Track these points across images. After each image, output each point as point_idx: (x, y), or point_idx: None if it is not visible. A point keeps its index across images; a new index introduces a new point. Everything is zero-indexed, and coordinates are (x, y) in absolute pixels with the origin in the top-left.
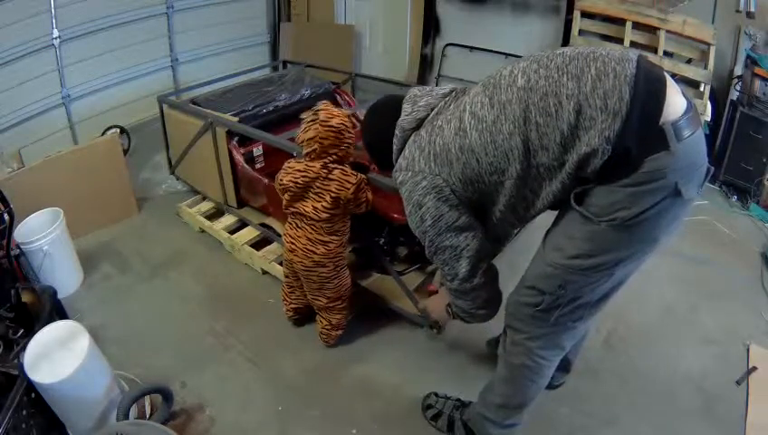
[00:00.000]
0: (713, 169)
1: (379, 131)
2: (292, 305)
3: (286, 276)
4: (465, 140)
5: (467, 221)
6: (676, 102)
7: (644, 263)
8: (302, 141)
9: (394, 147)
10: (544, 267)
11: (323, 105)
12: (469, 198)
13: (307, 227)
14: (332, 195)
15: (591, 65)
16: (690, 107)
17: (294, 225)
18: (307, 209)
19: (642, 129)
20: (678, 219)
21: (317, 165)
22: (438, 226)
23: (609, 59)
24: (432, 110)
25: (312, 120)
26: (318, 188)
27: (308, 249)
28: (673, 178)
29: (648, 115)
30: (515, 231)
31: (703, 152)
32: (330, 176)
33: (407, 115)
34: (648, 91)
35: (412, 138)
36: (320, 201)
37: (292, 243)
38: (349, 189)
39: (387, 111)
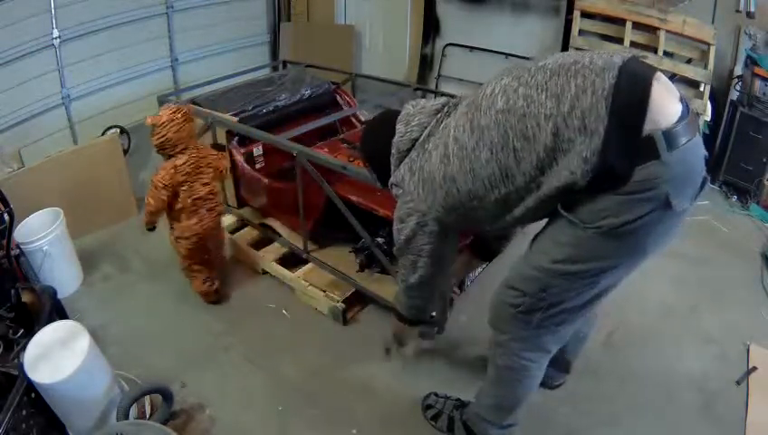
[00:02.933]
0: (709, 178)
1: (377, 149)
2: (217, 283)
3: (197, 262)
4: (448, 168)
5: (433, 250)
6: (668, 108)
7: (633, 272)
8: (178, 141)
9: (392, 166)
10: (528, 269)
11: (168, 108)
12: (451, 222)
13: (210, 202)
14: (211, 167)
15: (572, 81)
16: (687, 113)
17: (197, 210)
18: (204, 191)
19: (625, 141)
20: (670, 232)
21: (193, 152)
22: (409, 243)
23: (591, 71)
24: (425, 129)
25: (180, 121)
26: (200, 169)
27: (219, 212)
28: (665, 188)
29: (629, 125)
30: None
31: (699, 160)
32: (201, 155)
33: (401, 136)
34: (629, 100)
35: (406, 159)
36: (206, 175)
37: (205, 222)
38: (218, 158)
39: (383, 129)
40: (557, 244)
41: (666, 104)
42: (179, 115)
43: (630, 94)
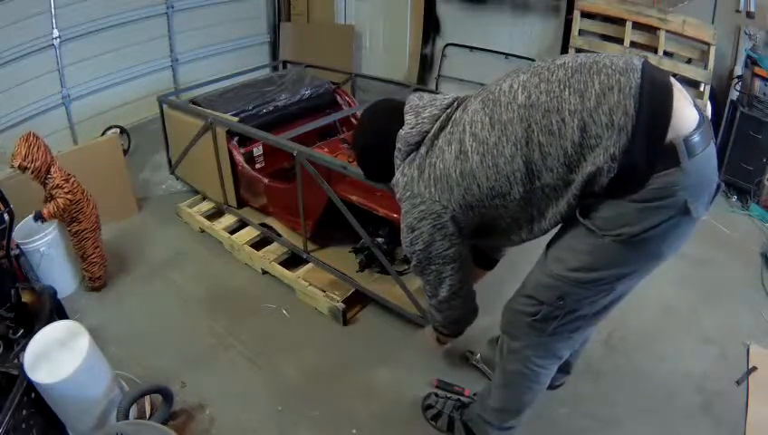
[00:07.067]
0: (723, 185)
1: (377, 140)
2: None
3: (100, 250)
4: (467, 164)
5: (457, 253)
6: (687, 115)
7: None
8: (45, 154)
9: (396, 160)
10: (544, 277)
11: (19, 140)
12: (469, 222)
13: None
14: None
15: (595, 78)
16: (702, 120)
17: (88, 199)
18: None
19: (650, 143)
20: (684, 237)
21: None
22: (428, 251)
23: (614, 70)
24: (436, 121)
25: (34, 140)
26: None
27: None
28: (683, 195)
29: (655, 129)
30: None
31: (714, 168)
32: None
33: (411, 128)
34: (654, 102)
35: (413, 154)
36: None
37: (95, 207)
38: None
39: (385, 118)
40: (574, 251)
41: (685, 113)
42: (31, 137)
43: (654, 101)
